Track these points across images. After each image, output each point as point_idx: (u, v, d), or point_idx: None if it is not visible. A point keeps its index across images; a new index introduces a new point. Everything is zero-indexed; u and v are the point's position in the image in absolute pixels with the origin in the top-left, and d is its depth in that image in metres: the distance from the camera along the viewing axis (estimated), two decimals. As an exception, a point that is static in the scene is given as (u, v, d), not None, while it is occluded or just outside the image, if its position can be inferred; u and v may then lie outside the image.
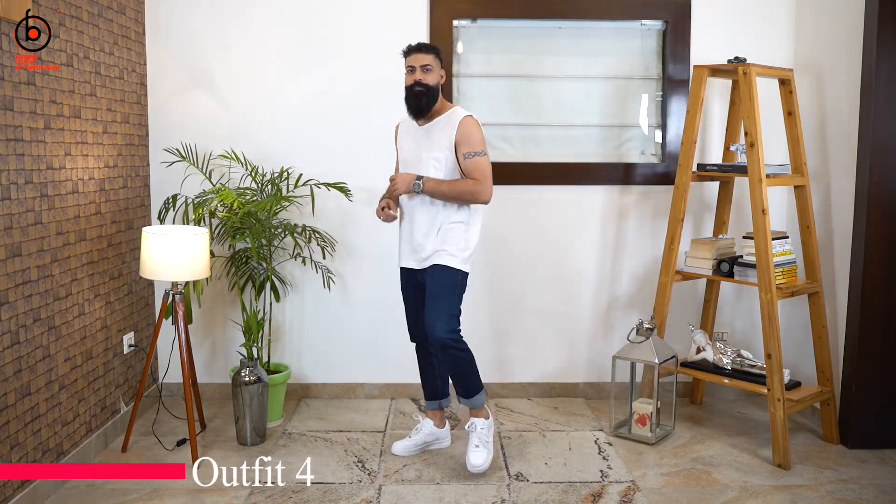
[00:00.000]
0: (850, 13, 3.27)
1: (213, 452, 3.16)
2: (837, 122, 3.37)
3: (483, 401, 3.04)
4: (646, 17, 3.74)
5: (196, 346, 3.76)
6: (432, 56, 2.91)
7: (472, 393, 3.01)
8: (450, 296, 2.91)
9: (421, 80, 2.89)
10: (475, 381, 3.01)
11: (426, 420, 3.22)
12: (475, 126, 2.90)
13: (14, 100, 2.53)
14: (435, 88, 2.92)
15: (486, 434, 3.01)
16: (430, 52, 2.92)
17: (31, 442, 2.66)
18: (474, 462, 2.94)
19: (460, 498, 2.78)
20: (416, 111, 2.94)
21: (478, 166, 2.87)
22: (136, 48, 3.52)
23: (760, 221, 3.10)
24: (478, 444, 2.99)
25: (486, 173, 2.87)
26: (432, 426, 3.20)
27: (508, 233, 3.78)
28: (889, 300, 3.19)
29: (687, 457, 3.16)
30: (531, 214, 3.80)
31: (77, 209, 2.97)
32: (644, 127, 3.86)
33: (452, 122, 2.90)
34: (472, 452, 2.97)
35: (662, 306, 3.45)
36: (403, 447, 3.16)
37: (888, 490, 2.87)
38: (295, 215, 3.69)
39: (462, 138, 2.87)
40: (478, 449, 2.98)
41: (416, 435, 3.19)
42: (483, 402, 3.04)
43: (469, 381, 2.99)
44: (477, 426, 3.01)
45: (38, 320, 2.71)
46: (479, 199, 2.89)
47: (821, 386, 3.34)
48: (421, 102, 2.90)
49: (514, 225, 3.79)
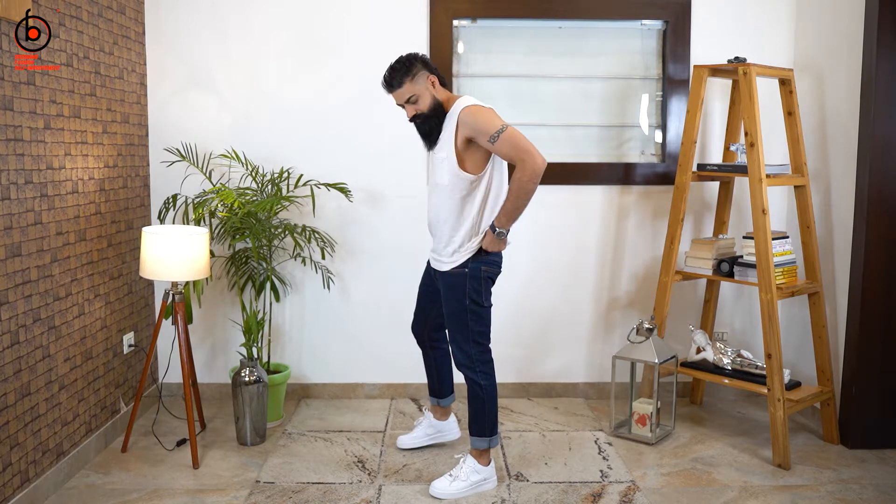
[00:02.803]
0: (850, 13, 3.27)
1: (213, 452, 3.16)
2: (837, 122, 3.37)
3: (482, 446, 2.80)
4: (646, 17, 3.74)
5: (196, 346, 3.76)
6: (407, 83, 2.64)
7: (474, 432, 2.81)
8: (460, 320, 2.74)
9: (416, 113, 2.69)
10: (481, 420, 2.78)
11: (427, 413, 3.21)
12: (475, 112, 2.60)
13: (14, 100, 2.53)
14: (433, 111, 2.67)
15: (468, 473, 2.79)
16: (403, 82, 2.64)
17: (31, 442, 2.66)
18: (436, 483, 2.78)
19: (460, 498, 2.78)
20: (426, 139, 2.74)
21: (507, 145, 2.53)
22: (136, 48, 3.52)
23: (760, 221, 3.10)
24: (454, 474, 2.80)
25: (520, 145, 2.52)
26: (433, 419, 3.18)
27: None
28: (889, 300, 3.19)
29: (687, 457, 3.16)
30: (531, 214, 3.79)
31: (77, 209, 2.97)
32: (644, 127, 3.86)
33: (452, 118, 2.66)
34: (442, 478, 2.80)
35: (662, 306, 3.45)
36: (406, 440, 3.18)
37: (888, 490, 2.87)
38: (295, 215, 3.69)
39: (472, 132, 2.59)
40: (450, 478, 2.79)
41: (418, 427, 3.19)
42: (481, 447, 2.80)
43: (474, 416, 2.80)
44: (465, 462, 2.81)
45: (38, 320, 2.71)
46: (537, 176, 2.52)
47: (821, 386, 3.34)
48: (425, 129, 2.70)
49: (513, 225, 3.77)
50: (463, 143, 2.64)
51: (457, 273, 2.75)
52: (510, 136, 2.54)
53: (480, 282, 2.75)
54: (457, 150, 2.65)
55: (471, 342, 2.77)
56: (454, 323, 2.78)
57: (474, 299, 2.74)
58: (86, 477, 2.92)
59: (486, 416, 2.78)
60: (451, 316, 2.79)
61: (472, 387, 2.78)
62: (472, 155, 2.66)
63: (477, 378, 2.76)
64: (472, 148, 2.65)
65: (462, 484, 2.78)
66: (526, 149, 2.53)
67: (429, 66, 2.71)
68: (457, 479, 2.79)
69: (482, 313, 2.78)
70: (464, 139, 2.63)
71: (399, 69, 2.66)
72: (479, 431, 2.80)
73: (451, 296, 2.77)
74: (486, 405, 2.78)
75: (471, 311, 2.75)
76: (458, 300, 2.75)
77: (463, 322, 2.75)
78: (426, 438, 3.17)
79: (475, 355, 2.77)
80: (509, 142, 2.54)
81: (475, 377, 2.76)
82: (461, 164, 2.65)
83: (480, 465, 2.81)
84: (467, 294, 2.74)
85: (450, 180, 2.68)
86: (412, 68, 2.65)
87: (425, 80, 2.67)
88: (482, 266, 2.74)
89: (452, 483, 2.78)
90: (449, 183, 2.68)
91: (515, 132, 2.56)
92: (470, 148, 2.65)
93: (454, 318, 2.77)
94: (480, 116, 2.59)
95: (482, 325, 2.79)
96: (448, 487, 2.77)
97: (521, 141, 2.54)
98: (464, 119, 2.61)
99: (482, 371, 2.77)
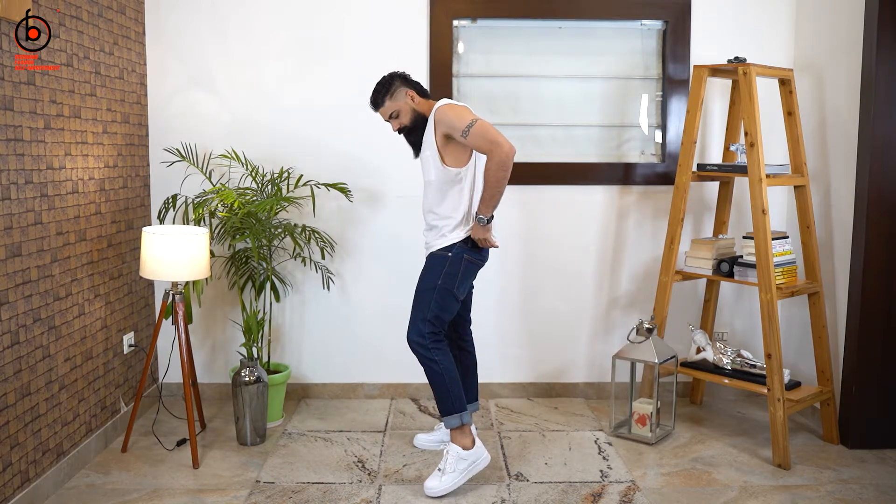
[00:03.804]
0: (850, 13, 3.27)
1: (213, 452, 3.16)
2: (837, 122, 3.37)
3: (454, 424, 2.81)
4: (646, 17, 3.74)
5: (196, 346, 3.76)
6: (387, 102, 2.86)
7: (441, 411, 2.84)
8: (426, 297, 2.82)
9: (400, 127, 2.88)
10: (445, 398, 2.81)
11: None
12: (448, 109, 2.75)
13: (14, 100, 2.53)
14: (415, 121, 2.86)
15: (454, 463, 2.79)
16: (384, 101, 2.86)
17: (31, 442, 2.66)
18: (427, 483, 2.79)
19: (460, 498, 2.78)
20: (414, 147, 2.93)
21: (477, 137, 2.66)
22: (136, 48, 3.53)
23: (760, 221, 3.10)
24: (442, 467, 2.81)
25: (488, 136, 2.64)
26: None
27: (508, 233, 3.77)
28: (889, 300, 3.19)
29: (687, 457, 3.16)
30: (531, 214, 3.80)
31: (77, 209, 2.97)
32: (644, 127, 3.86)
33: (430, 120, 2.82)
34: (431, 476, 2.81)
35: (662, 306, 3.45)
36: (422, 440, 3.22)
37: (888, 490, 2.87)
38: (295, 215, 3.69)
39: (447, 128, 2.73)
40: (438, 473, 2.80)
41: (437, 432, 3.24)
42: (454, 425, 2.82)
43: (438, 396, 2.83)
44: (448, 453, 2.81)
45: (38, 320, 2.71)
46: (506, 164, 2.64)
47: (821, 386, 3.34)
48: (411, 140, 2.90)
49: (514, 225, 3.78)
50: (442, 140, 2.78)
51: (440, 255, 2.86)
52: (480, 128, 2.67)
53: (460, 266, 2.83)
54: (438, 147, 2.79)
55: (427, 321, 2.81)
56: (418, 299, 2.85)
57: (448, 282, 2.82)
58: (86, 477, 2.92)
59: (450, 391, 2.81)
60: (418, 292, 2.87)
61: (429, 365, 2.82)
62: (452, 151, 2.80)
63: (431, 355, 2.80)
64: (451, 144, 2.79)
65: (451, 475, 2.78)
66: (494, 139, 2.64)
67: (408, 81, 2.89)
68: (445, 473, 2.79)
69: (448, 299, 2.84)
70: (442, 136, 2.78)
71: (379, 90, 2.87)
72: (447, 410, 2.82)
73: (426, 275, 2.87)
74: (445, 380, 2.80)
75: (439, 291, 2.81)
76: (431, 278, 2.84)
77: (427, 300, 2.82)
78: (440, 445, 3.19)
79: (427, 334, 2.81)
80: (479, 133, 2.66)
81: (429, 354, 2.80)
82: (444, 159, 2.80)
83: (464, 451, 2.81)
84: (442, 275, 2.82)
85: (436, 175, 2.83)
86: (391, 87, 2.86)
87: (404, 95, 2.86)
88: (465, 254, 2.84)
89: (442, 477, 2.78)
90: (436, 178, 2.83)
91: (485, 124, 2.68)
92: (450, 144, 2.79)
93: (420, 294, 2.86)
94: (453, 113, 2.73)
95: (444, 310, 2.84)
96: (439, 484, 2.77)
97: (490, 132, 2.66)
98: (439, 118, 2.76)
99: (435, 348, 2.81)
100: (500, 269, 3.79)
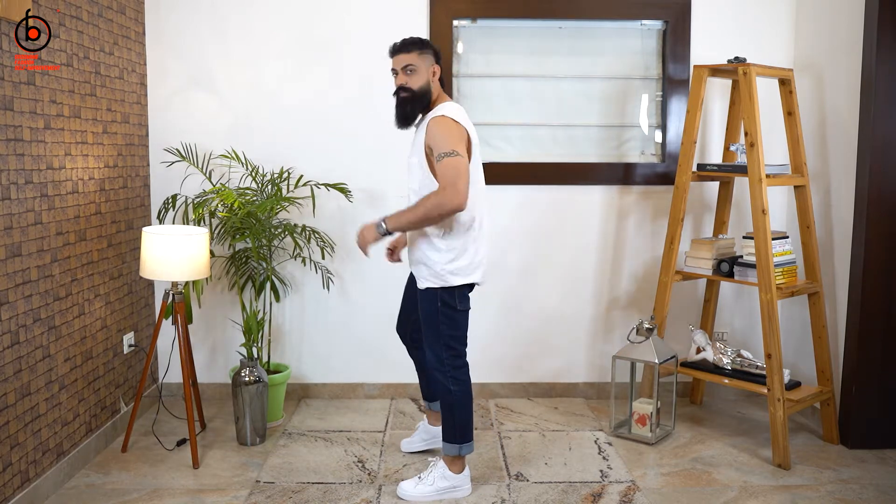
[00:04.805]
0: (850, 13, 3.27)
1: (213, 452, 3.16)
2: (837, 122, 3.37)
3: (454, 453, 2.72)
4: (646, 17, 3.74)
5: (196, 346, 3.76)
6: (415, 54, 2.62)
7: (445, 437, 2.73)
8: (432, 325, 2.67)
9: (405, 84, 2.63)
10: (449, 426, 2.71)
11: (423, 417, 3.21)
12: (441, 124, 2.54)
13: (14, 100, 2.53)
14: (422, 92, 2.63)
15: (435, 478, 2.74)
16: (412, 50, 2.62)
17: (31, 442, 2.66)
18: (403, 483, 2.77)
19: (459, 498, 2.78)
20: (401, 119, 2.68)
21: (442, 171, 2.47)
22: (136, 48, 3.53)
23: (760, 221, 3.10)
24: (422, 477, 2.76)
25: (450, 178, 2.45)
26: (427, 424, 3.16)
27: (508, 233, 3.78)
28: (889, 300, 3.19)
29: (687, 457, 3.16)
30: (531, 214, 3.80)
31: (77, 209, 2.97)
32: (644, 127, 3.86)
33: (425, 123, 2.62)
34: (411, 479, 2.78)
35: (662, 306, 3.45)
36: (406, 443, 3.18)
37: (888, 490, 2.87)
38: (295, 215, 3.69)
39: (430, 142, 2.55)
40: (417, 479, 2.75)
41: (416, 433, 3.19)
42: (454, 453, 2.73)
43: (448, 425, 2.72)
44: (435, 467, 2.76)
45: (38, 320, 2.71)
46: (446, 210, 2.46)
47: (821, 386, 3.34)
48: (405, 109, 2.65)
49: (514, 225, 3.79)
50: (428, 150, 2.60)
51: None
52: (453, 164, 2.47)
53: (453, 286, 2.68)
54: (427, 156, 2.62)
55: (442, 346, 2.68)
56: (426, 325, 2.72)
57: (446, 301, 2.67)
58: (86, 477, 2.92)
59: (456, 422, 2.71)
60: (424, 318, 2.73)
61: (443, 391, 2.71)
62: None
63: (447, 383, 2.69)
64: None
65: (426, 489, 2.73)
66: (455, 182, 2.44)
67: (439, 57, 2.72)
68: (422, 483, 2.75)
69: (455, 317, 2.69)
70: (427, 147, 2.60)
71: (415, 41, 2.67)
72: (448, 437, 2.73)
73: (424, 296, 2.72)
74: (455, 411, 2.70)
75: (442, 314, 2.67)
76: (430, 301, 2.68)
77: (434, 324, 2.68)
78: (422, 444, 3.16)
79: (446, 360, 2.69)
80: (451, 166, 2.46)
81: (445, 382, 2.69)
82: (431, 169, 2.60)
83: (450, 473, 2.75)
84: (438, 296, 2.67)
85: (420, 184, 2.66)
86: (425, 47, 2.67)
87: (431, 63, 2.67)
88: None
89: (417, 486, 2.74)
90: (419, 188, 2.66)
91: (461, 164, 2.48)
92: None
93: (427, 319, 2.71)
94: (442, 131, 2.54)
95: (455, 328, 2.69)
96: (412, 489, 2.74)
97: (461, 174, 2.46)
98: (430, 128, 2.57)
99: (452, 376, 2.69)
100: (501, 268, 3.79)
